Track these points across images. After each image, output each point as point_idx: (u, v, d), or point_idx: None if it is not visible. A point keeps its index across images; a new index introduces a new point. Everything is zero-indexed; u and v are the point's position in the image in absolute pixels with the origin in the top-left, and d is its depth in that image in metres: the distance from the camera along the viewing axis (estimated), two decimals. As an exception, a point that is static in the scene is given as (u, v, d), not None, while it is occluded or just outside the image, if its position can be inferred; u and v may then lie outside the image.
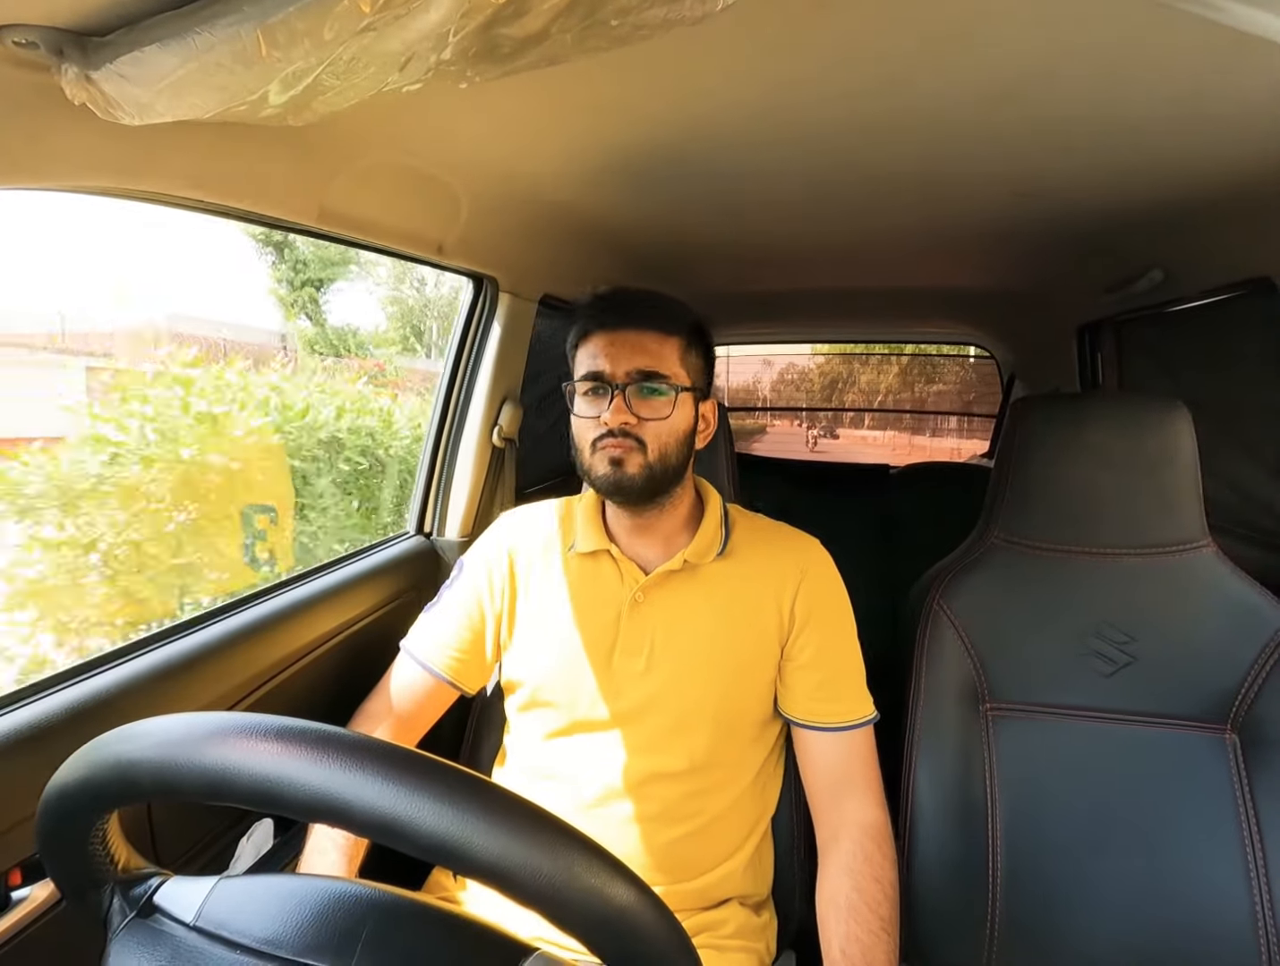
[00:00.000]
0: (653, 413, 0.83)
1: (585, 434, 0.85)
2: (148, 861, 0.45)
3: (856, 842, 0.81)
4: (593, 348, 0.85)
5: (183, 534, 2.06)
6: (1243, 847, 0.84)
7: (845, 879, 0.79)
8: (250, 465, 2.30)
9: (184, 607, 2.04)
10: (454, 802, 0.33)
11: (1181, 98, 0.71)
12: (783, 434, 12.47)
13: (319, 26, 0.43)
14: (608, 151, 0.92)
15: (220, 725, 0.36)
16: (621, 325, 0.85)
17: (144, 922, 0.41)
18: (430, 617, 0.95)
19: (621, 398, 0.82)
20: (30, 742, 0.66)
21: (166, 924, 0.41)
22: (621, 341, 0.84)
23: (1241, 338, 1.29)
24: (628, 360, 0.83)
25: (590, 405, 0.85)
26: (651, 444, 0.83)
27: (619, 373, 0.83)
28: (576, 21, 0.47)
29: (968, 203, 1.12)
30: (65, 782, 0.37)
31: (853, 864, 0.79)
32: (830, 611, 0.89)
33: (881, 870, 0.79)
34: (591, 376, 0.84)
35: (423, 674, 0.92)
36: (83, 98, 0.50)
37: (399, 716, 0.91)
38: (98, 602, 1.87)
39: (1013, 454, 0.98)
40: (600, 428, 0.83)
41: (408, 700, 0.91)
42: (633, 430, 0.82)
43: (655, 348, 0.84)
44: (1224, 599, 0.90)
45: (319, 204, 0.87)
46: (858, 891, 0.77)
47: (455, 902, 0.86)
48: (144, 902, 0.42)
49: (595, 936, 0.34)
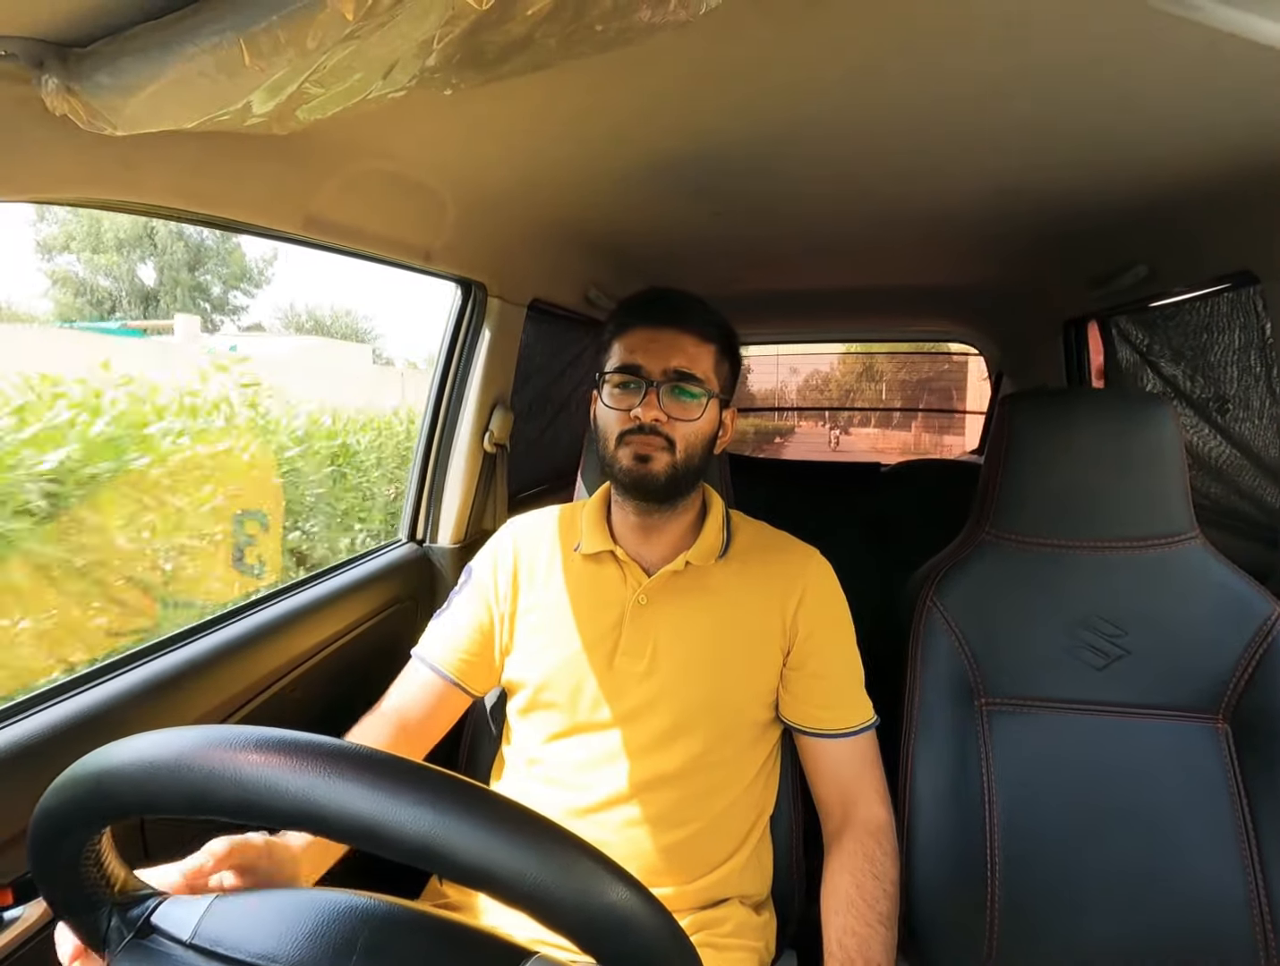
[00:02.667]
0: (684, 413, 0.84)
1: (612, 426, 0.85)
2: (144, 881, 0.45)
3: (859, 841, 0.82)
4: (632, 342, 0.85)
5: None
6: (1237, 835, 0.85)
7: (845, 876, 0.80)
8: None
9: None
10: (435, 805, 0.33)
11: (1161, 96, 0.72)
12: (805, 432, 12.71)
13: (302, 35, 0.43)
14: (595, 156, 0.93)
15: (199, 738, 0.36)
16: (663, 324, 0.85)
17: (141, 943, 0.41)
18: (439, 623, 0.94)
19: (655, 394, 0.82)
20: (22, 759, 0.65)
21: (164, 943, 0.41)
22: (662, 339, 0.84)
23: (1225, 330, 1.31)
24: (666, 358, 0.83)
25: (621, 398, 0.85)
26: (680, 444, 0.83)
27: (656, 370, 0.83)
28: (561, 27, 0.47)
29: (953, 201, 1.12)
30: (52, 802, 0.37)
31: (853, 862, 0.80)
32: (833, 621, 0.90)
33: (882, 867, 0.80)
34: (628, 369, 0.84)
35: (432, 678, 0.90)
36: (64, 109, 0.50)
37: (409, 724, 0.87)
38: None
39: (1002, 450, 0.99)
40: (629, 422, 0.83)
41: (418, 706, 0.88)
42: (662, 428, 0.83)
43: (693, 350, 0.85)
44: (1213, 590, 0.91)
45: (304, 212, 0.87)
46: (856, 887, 0.78)
47: (455, 909, 0.85)
48: (142, 923, 0.42)
49: (586, 935, 0.33)
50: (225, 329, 13.86)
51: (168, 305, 14.72)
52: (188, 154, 0.69)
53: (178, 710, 0.83)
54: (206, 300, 14.87)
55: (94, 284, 15.54)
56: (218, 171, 0.74)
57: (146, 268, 14.31)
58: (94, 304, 15.20)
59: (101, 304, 15.06)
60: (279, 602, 1.06)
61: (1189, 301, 1.34)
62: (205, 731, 0.36)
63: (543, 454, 1.79)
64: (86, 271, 15.61)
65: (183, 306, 14.22)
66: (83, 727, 0.70)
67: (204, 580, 2.15)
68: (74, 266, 15.01)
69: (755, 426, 12.88)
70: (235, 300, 15.61)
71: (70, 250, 15.39)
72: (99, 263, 15.00)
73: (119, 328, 11.14)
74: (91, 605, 1.77)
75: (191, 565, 2.11)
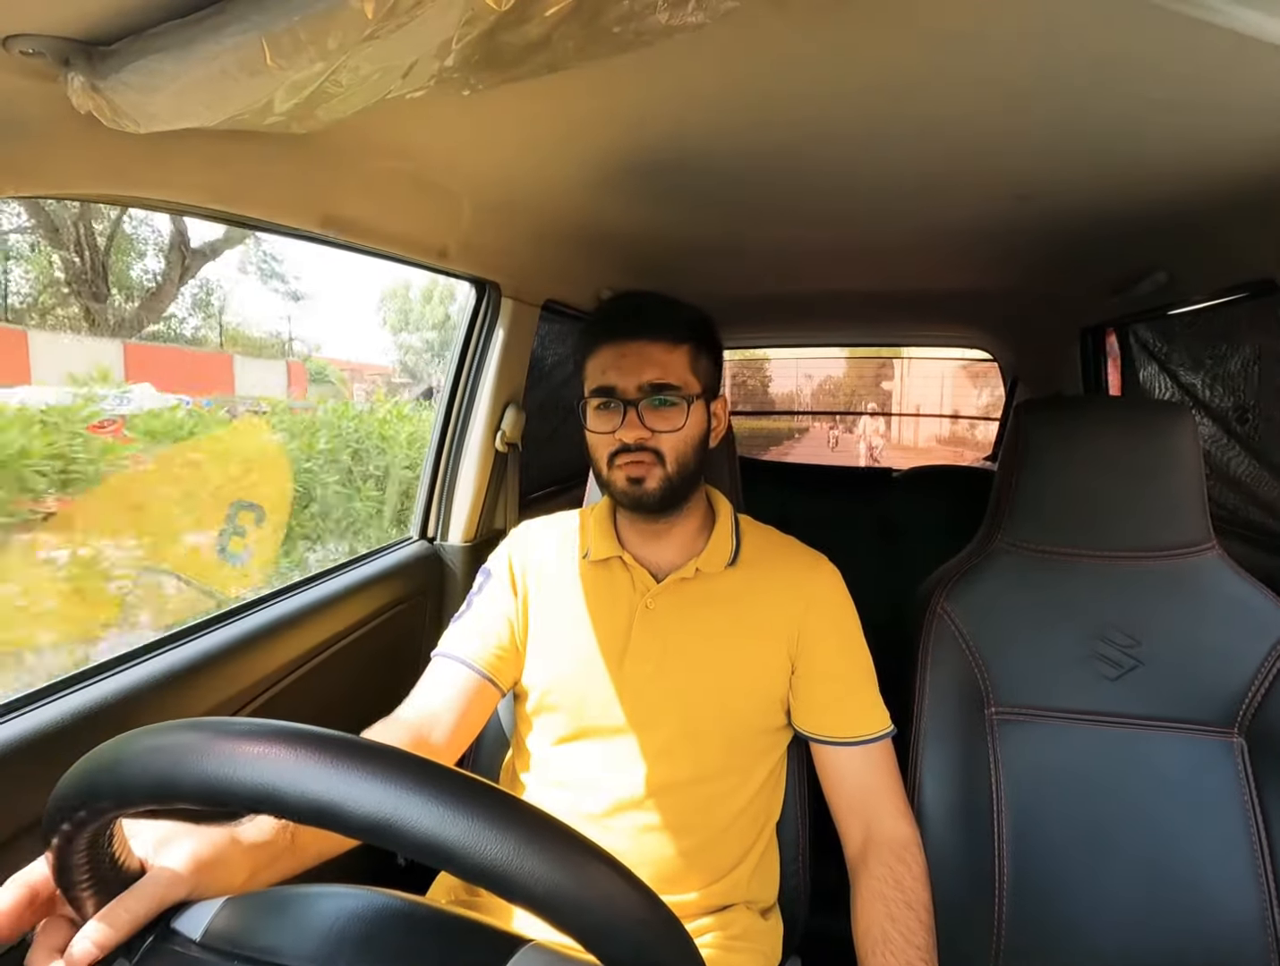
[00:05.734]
0: (667, 424, 0.83)
1: (600, 449, 0.85)
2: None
3: (887, 865, 0.79)
4: (602, 362, 0.84)
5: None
6: (1251, 851, 0.83)
7: (878, 906, 0.76)
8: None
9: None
10: (445, 802, 0.33)
11: (1182, 100, 0.71)
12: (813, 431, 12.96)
13: (323, 35, 0.44)
14: (610, 157, 0.93)
15: (216, 730, 0.36)
16: (629, 337, 0.84)
17: (161, 945, 0.42)
18: (462, 623, 0.91)
19: (635, 413, 0.81)
20: (37, 748, 0.66)
21: (180, 945, 0.42)
22: (630, 354, 0.83)
23: (1245, 339, 1.29)
24: (637, 373, 0.82)
25: (604, 420, 0.84)
26: (669, 455, 0.83)
27: (630, 387, 0.82)
28: (578, 28, 0.47)
29: (969, 206, 1.12)
30: (64, 791, 0.38)
31: (884, 889, 0.77)
32: (842, 628, 0.89)
33: (914, 894, 0.77)
34: (602, 391, 0.83)
35: (462, 673, 0.85)
36: (89, 107, 0.51)
37: (435, 728, 0.80)
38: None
39: (1016, 458, 0.98)
40: (615, 443, 0.82)
41: (448, 707, 0.82)
42: (649, 443, 0.82)
43: (664, 358, 0.83)
44: (1230, 601, 0.90)
45: (322, 210, 0.88)
46: (891, 920, 0.75)
47: (464, 906, 0.86)
48: (161, 926, 0.43)
49: (591, 934, 0.33)
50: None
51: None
52: (208, 152, 0.70)
53: (192, 701, 0.84)
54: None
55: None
56: (237, 169, 0.75)
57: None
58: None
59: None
60: (292, 597, 1.07)
61: (1208, 309, 1.33)
62: (220, 723, 0.37)
63: (554, 454, 1.80)
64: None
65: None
66: (97, 718, 0.71)
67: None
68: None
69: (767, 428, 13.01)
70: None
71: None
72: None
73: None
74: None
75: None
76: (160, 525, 2.29)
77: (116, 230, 9.96)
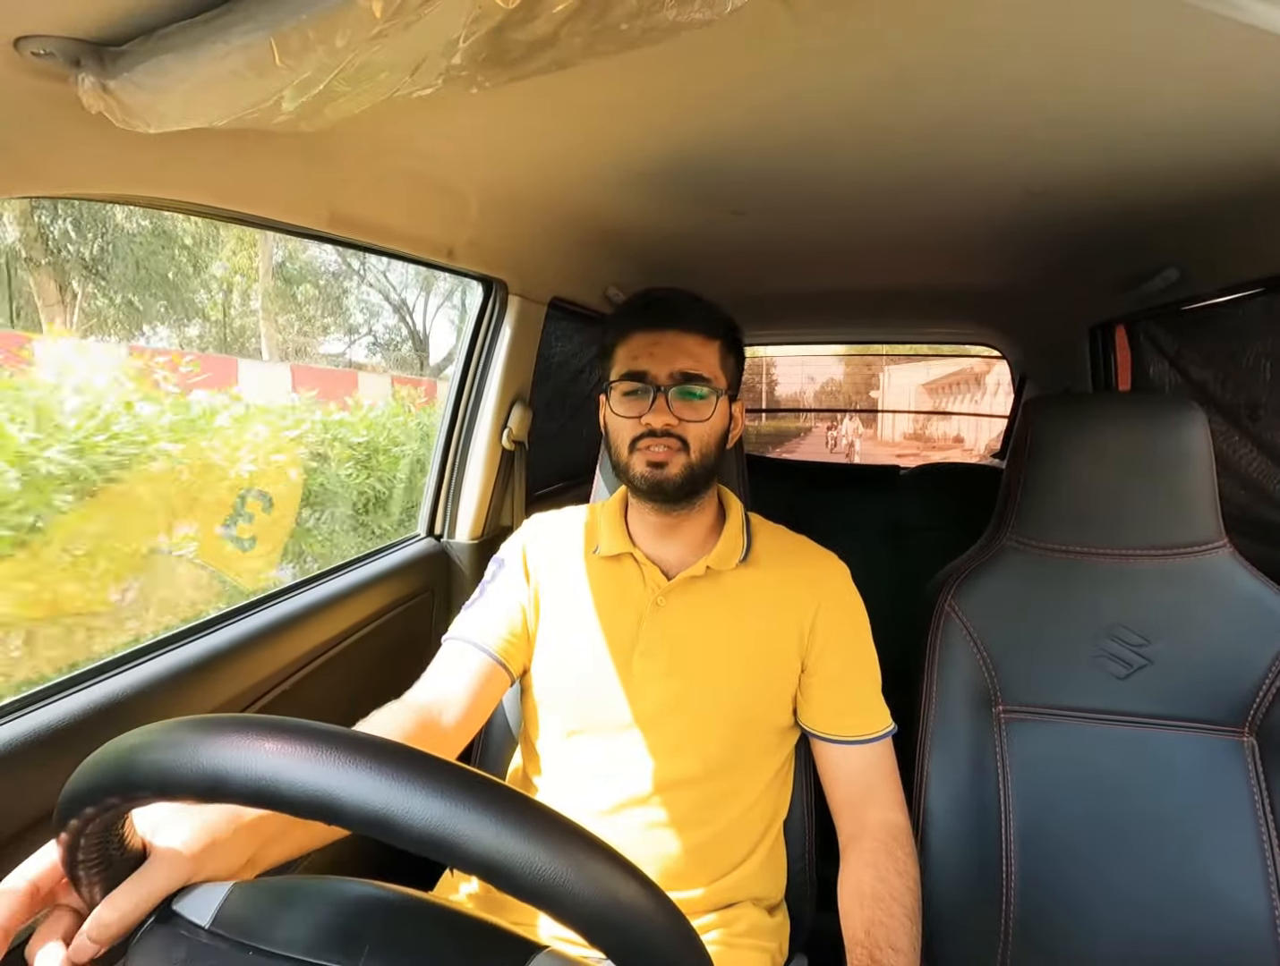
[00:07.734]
0: (695, 414, 0.84)
1: (624, 433, 0.85)
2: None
3: (879, 840, 0.81)
4: (633, 348, 0.85)
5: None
6: (1260, 851, 0.83)
7: (868, 870, 0.78)
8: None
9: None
10: (449, 796, 0.33)
11: (1196, 95, 0.70)
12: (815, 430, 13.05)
13: (331, 34, 0.44)
14: (617, 154, 0.93)
15: (222, 725, 0.36)
16: (665, 326, 0.85)
17: (163, 928, 0.42)
18: (474, 609, 0.91)
19: (664, 399, 0.82)
20: (48, 744, 0.66)
21: (184, 928, 0.41)
22: (665, 342, 0.84)
23: (1256, 336, 1.28)
24: (671, 361, 0.83)
25: (630, 405, 0.85)
26: (694, 444, 0.83)
27: (662, 374, 0.83)
28: (586, 25, 0.47)
29: (980, 202, 1.11)
30: (75, 787, 0.38)
31: (875, 858, 0.79)
32: (851, 627, 0.89)
33: (905, 865, 0.79)
34: (634, 376, 0.84)
35: (474, 655, 0.85)
36: (99, 107, 0.51)
37: (445, 710, 0.79)
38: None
39: (1025, 455, 0.97)
40: (640, 428, 0.83)
41: (459, 690, 0.81)
42: (675, 430, 0.83)
43: (698, 350, 0.85)
44: (1240, 600, 0.89)
45: (330, 209, 0.88)
46: (881, 881, 0.76)
47: (469, 902, 0.86)
48: (163, 908, 0.43)
49: (595, 927, 0.33)
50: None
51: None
52: (217, 151, 0.70)
53: (201, 698, 0.84)
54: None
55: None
56: (246, 168, 0.75)
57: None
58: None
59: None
60: (299, 594, 1.07)
61: (1220, 306, 1.31)
62: (223, 719, 0.37)
63: (561, 451, 1.80)
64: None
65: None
66: (108, 714, 0.72)
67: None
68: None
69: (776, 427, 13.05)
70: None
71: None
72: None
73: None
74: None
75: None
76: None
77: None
